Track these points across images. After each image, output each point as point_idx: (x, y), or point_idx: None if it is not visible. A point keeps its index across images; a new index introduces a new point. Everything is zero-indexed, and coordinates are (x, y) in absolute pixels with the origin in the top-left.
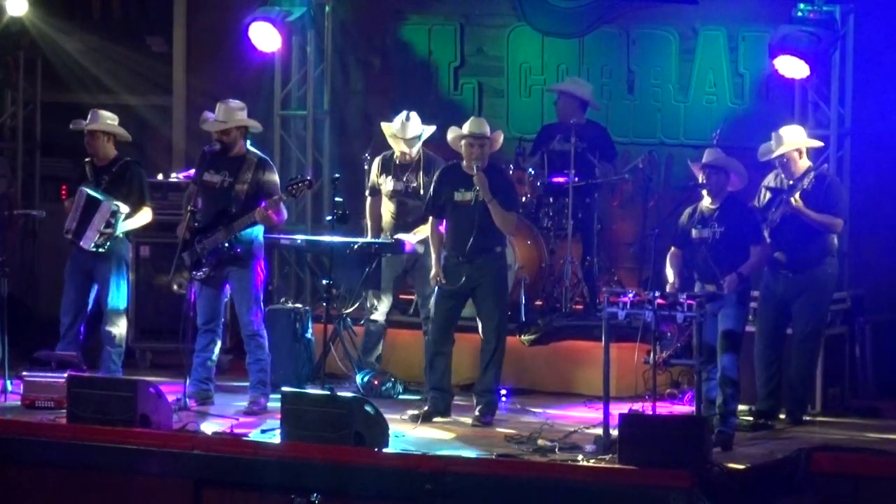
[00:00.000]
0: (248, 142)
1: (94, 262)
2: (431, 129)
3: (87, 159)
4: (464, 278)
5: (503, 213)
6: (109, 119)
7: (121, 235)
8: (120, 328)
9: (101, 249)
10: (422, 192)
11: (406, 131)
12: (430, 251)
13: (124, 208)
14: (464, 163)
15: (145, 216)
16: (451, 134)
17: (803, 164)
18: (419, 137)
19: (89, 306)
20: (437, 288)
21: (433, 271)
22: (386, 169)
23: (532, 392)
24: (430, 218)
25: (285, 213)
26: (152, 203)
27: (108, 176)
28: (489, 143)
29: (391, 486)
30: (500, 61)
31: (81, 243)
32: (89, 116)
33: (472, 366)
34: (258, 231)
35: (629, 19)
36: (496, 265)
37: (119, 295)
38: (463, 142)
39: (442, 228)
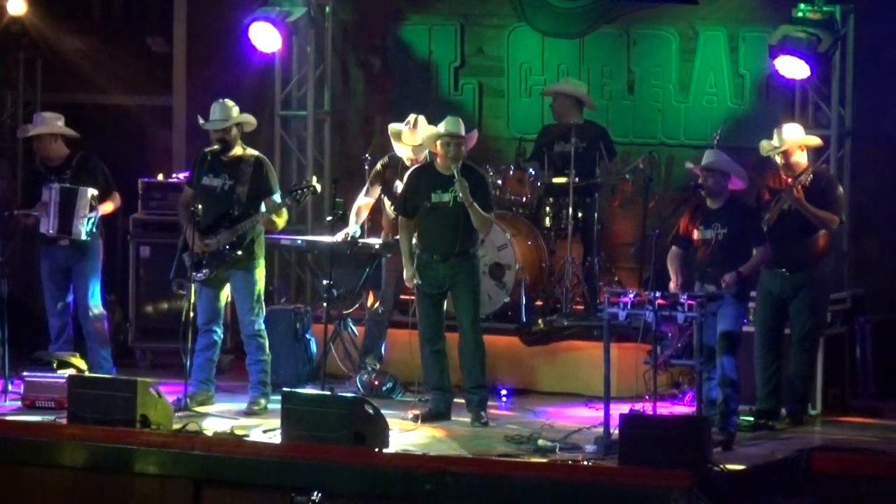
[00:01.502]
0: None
1: (72, 260)
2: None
3: (36, 165)
4: (439, 278)
5: (483, 216)
6: (56, 120)
7: (96, 231)
8: (104, 324)
9: (89, 237)
10: None
11: (414, 137)
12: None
13: (95, 192)
14: (437, 161)
15: (116, 200)
16: (426, 133)
17: (804, 162)
18: (424, 145)
19: (72, 305)
20: (416, 289)
21: (407, 272)
22: (393, 170)
23: (532, 392)
24: (402, 218)
25: (286, 216)
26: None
27: (70, 171)
28: (464, 143)
29: (391, 486)
30: (501, 61)
31: (73, 235)
32: (34, 120)
33: None
34: (259, 232)
35: (629, 19)
36: (470, 264)
37: (98, 292)
38: (439, 141)
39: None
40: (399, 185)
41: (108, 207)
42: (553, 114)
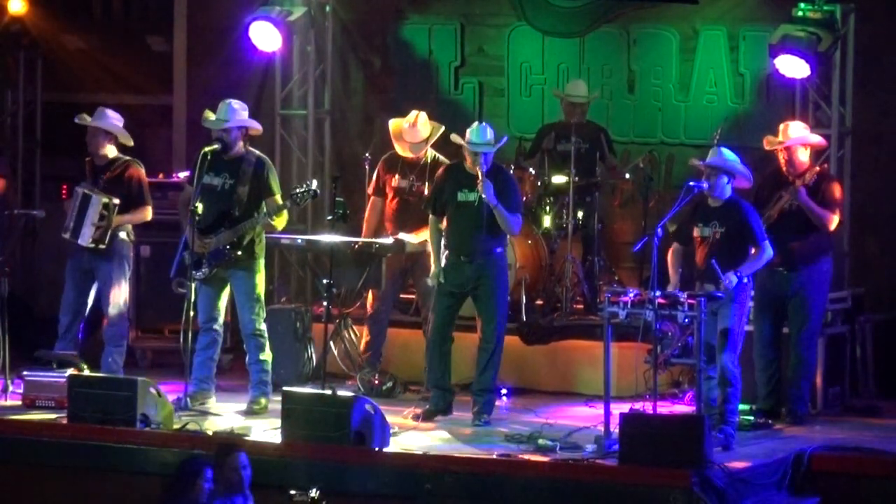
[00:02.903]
0: (247, 143)
1: (95, 262)
2: (440, 129)
3: (87, 158)
4: (464, 279)
5: (508, 217)
6: (115, 119)
7: (122, 235)
8: (122, 328)
9: (100, 245)
10: (426, 194)
11: (414, 135)
12: (429, 249)
13: (116, 201)
14: (467, 163)
15: (144, 214)
16: (455, 140)
17: (806, 160)
18: (426, 142)
19: (88, 306)
20: (438, 287)
21: (433, 270)
22: (392, 167)
23: (532, 392)
24: (431, 216)
25: (286, 217)
26: (152, 202)
27: (107, 175)
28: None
29: (391, 486)
30: (501, 61)
31: (80, 241)
32: (95, 114)
33: (473, 365)
34: (260, 232)
35: (629, 19)
36: (497, 266)
37: (121, 295)
38: (467, 148)
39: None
40: (396, 180)
41: (127, 218)
42: (564, 113)
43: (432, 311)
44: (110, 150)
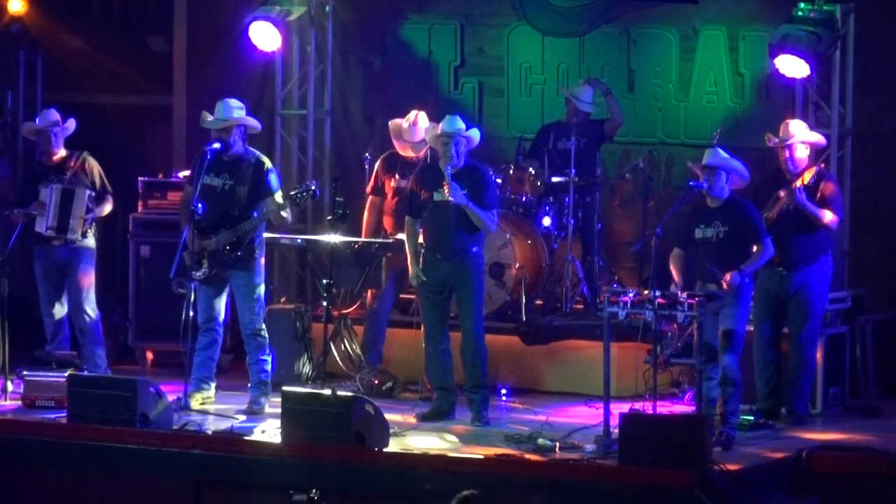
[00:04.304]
0: (246, 142)
1: (68, 261)
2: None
3: (35, 160)
4: (442, 277)
5: (481, 215)
6: (61, 118)
7: (91, 230)
8: (98, 324)
9: (84, 238)
10: None
11: (413, 134)
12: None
13: (93, 193)
14: (441, 162)
15: (110, 205)
16: (428, 134)
17: (805, 159)
18: (426, 141)
19: (67, 305)
20: (419, 288)
21: (411, 271)
22: (391, 167)
23: (532, 392)
24: (408, 217)
25: (289, 216)
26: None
27: (69, 171)
28: (463, 142)
29: (391, 486)
30: (501, 61)
31: (69, 235)
32: (46, 115)
33: None
34: (260, 232)
35: (629, 19)
36: (473, 265)
37: (92, 292)
38: (438, 140)
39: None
40: (395, 180)
41: (104, 210)
42: (567, 112)
43: (421, 312)
44: (63, 148)
